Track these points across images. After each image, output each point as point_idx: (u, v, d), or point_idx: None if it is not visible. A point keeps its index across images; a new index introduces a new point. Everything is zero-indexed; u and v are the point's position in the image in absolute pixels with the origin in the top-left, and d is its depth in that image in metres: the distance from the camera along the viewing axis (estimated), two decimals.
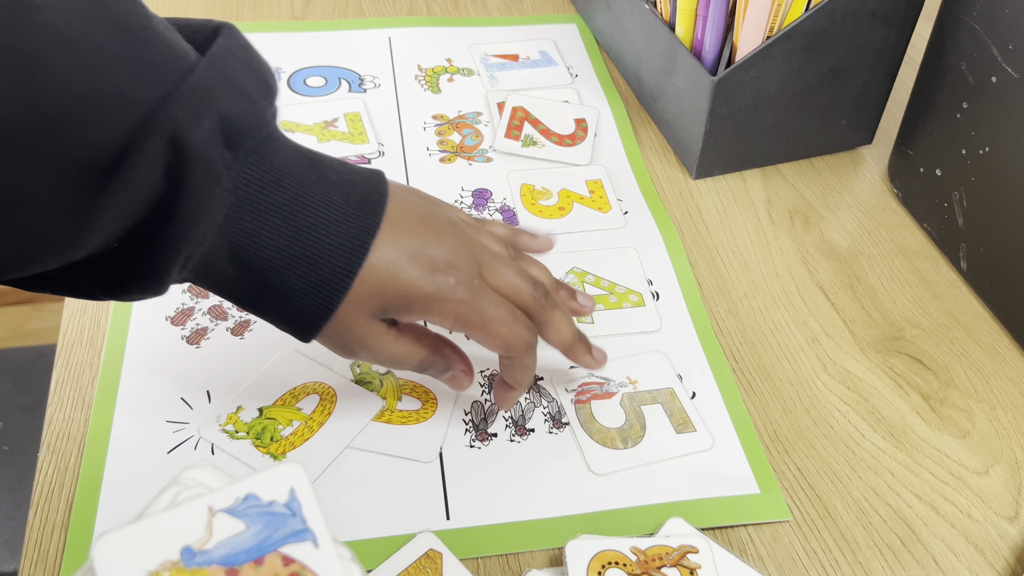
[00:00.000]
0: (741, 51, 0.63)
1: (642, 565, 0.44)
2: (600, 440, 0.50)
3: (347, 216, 0.41)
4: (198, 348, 0.53)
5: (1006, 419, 0.53)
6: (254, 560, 0.29)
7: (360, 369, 0.53)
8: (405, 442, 0.49)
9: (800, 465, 0.50)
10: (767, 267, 0.62)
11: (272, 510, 0.30)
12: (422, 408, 0.51)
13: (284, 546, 0.30)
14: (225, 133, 0.37)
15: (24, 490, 1.29)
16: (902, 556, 0.47)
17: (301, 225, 0.40)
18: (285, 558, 0.30)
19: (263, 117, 0.39)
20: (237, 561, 0.29)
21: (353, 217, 0.41)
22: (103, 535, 0.30)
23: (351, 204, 0.41)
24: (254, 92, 0.39)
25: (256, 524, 0.30)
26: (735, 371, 0.55)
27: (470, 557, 0.45)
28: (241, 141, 0.38)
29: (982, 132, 0.57)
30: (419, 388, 0.52)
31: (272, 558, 0.30)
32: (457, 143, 0.69)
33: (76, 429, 0.49)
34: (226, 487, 0.31)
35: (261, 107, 0.39)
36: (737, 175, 0.69)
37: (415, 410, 0.51)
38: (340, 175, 0.42)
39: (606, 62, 0.79)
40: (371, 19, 0.82)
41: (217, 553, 0.29)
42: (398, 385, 0.52)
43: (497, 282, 0.45)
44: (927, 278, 0.62)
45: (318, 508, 0.31)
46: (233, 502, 0.30)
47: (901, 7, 0.63)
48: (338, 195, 0.41)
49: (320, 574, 0.29)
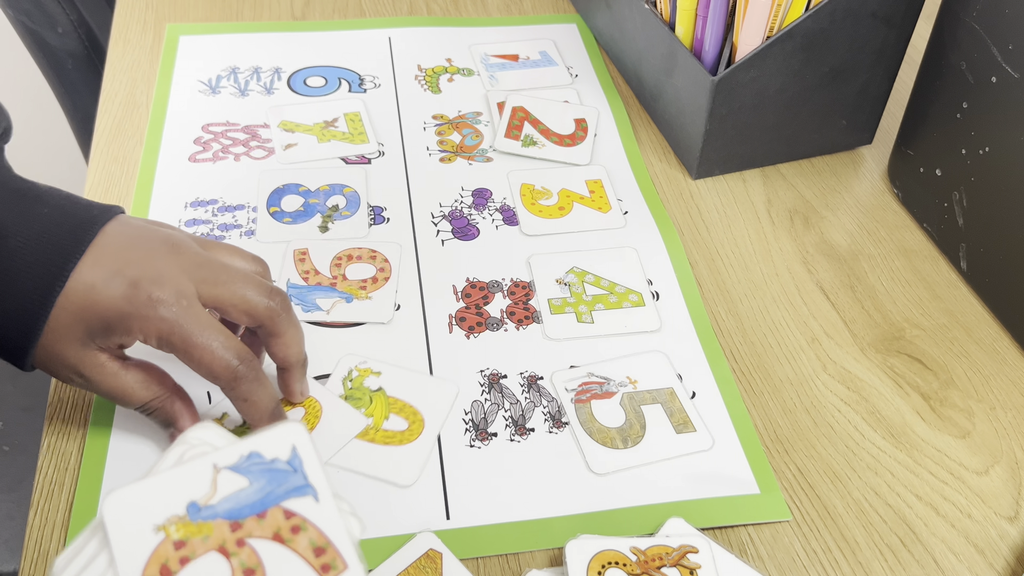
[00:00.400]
0: (741, 51, 0.63)
1: (642, 565, 0.44)
2: (600, 440, 0.50)
3: (45, 247, 0.41)
4: None
5: (1006, 419, 0.53)
6: (257, 514, 0.30)
7: (352, 384, 0.52)
8: (386, 463, 0.48)
9: (800, 465, 0.50)
10: (767, 267, 0.62)
11: (274, 467, 0.31)
12: (408, 429, 0.50)
13: (286, 501, 0.31)
14: None
15: (24, 490, 1.29)
16: (902, 556, 0.47)
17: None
18: (287, 512, 0.31)
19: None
20: (241, 515, 0.30)
21: (52, 248, 0.41)
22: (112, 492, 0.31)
23: (53, 237, 0.41)
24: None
25: (259, 480, 0.31)
26: (735, 371, 0.55)
27: (470, 557, 0.45)
28: None
29: (982, 132, 0.57)
30: (407, 408, 0.51)
31: (274, 512, 0.30)
32: (457, 143, 0.69)
33: (76, 429, 0.49)
34: (230, 446, 0.32)
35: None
36: (737, 175, 0.69)
37: (401, 431, 0.50)
38: (53, 207, 0.42)
39: (606, 62, 0.79)
40: (371, 19, 0.82)
41: (222, 508, 0.30)
42: (387, 403, 0.51)
43: (221, 293, 0.43)
44: (927, 278, 0.62)
45: (319, 465, 0.32)
46: (237, 460, 0.31)
47: (901, 7, 0.63)
48: (41, 227, 0.41)
49: (321, 526, 0.30)
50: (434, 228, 0.62)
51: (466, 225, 0.63)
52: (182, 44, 0.76)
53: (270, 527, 0.30)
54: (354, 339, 0.55)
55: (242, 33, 0.78)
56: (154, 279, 0.42)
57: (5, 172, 0.43)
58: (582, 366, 0.54)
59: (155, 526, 0.30)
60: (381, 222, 0.62)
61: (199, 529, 0.30)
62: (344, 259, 0.59)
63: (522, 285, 0.59)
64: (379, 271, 0.58)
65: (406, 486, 0.47)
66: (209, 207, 0.62)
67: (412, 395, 0.52)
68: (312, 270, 0.58)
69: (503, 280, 0.59)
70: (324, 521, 0.31)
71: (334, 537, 0.31)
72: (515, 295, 0.58)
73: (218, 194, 0.63)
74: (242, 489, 0.31)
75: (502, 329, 0.56)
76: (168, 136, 0.68)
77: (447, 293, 0.58)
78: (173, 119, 0.69)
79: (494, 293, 0.58)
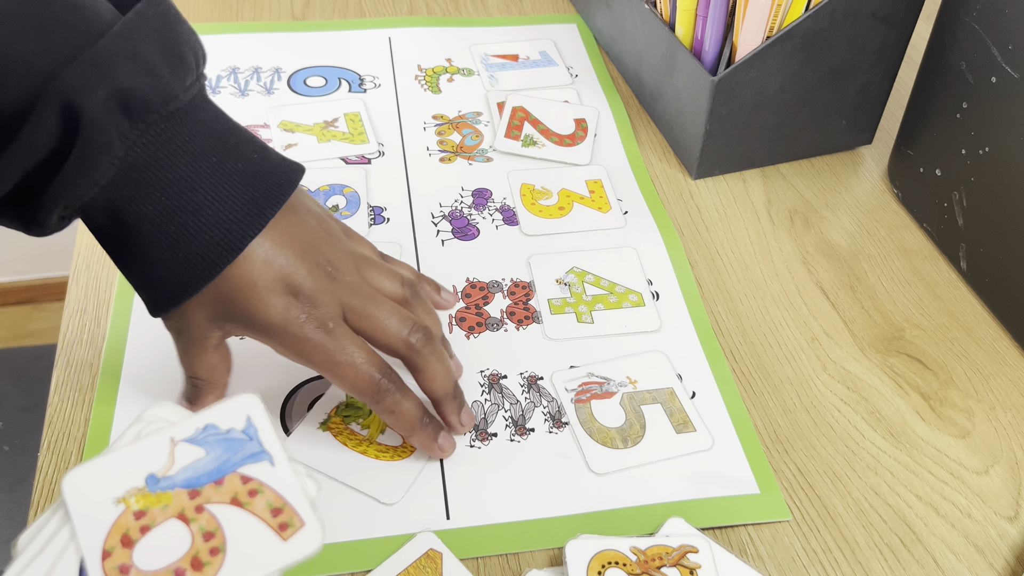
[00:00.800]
0: (741, 51, 0.63)
1: (642, 565, 0.44)
2: (600, 440, 0.50)
3: (229, 213, 0.41)
4: None
5: (1006, 419, 0.53)
6: (215, 481, 0.31)
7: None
8: (374, 478, 0.48)
9: (800, 465, 0.50)
10: (767, 267, 0.62)
11: (230, 436, 0.32)
12: (402, 445, 0.49)
13: (242, 467, 0.32)
14: (123, 103, 0.38)
15: (24, 490, 1.29)
16: (902, 556, 0.47)
17: (182, 207, 0.40)
18: (244, 477, 0.31)
19: (170, 91, 0.39)
20: (199, 483, 0.31)
21: (234, 216, 0.41)
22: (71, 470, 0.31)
23: (240, 202, 0.41)
24: (160, 65, 0.39)
25: (216, 450, 0.32)
26: (735, 371, 0.55)
27: (470, 557, 0.45)
28: (142, 113, 0.39)
29: (982, 132, 0.57)
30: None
31: (231, 478, 0.31)
32: (457, 143, 0.69)
33: (76, 429, 0.49)
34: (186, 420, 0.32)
35: (167, 81, 0.39)
36: (737, 175, 0.69)
37: (395, 446, 0.49)
38: (247, 165, 0.42)
39: (606, 62, 0.79)
40: (371, 19, 0.82)
41: (180, 478, 0.31)
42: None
43: (365, 325, 0.44)
44: (927, 278, 0.62)
45: (273, 431, 0.32)
46: (193, 432, 0.32)
47: (901, 7, 0.63)
48: (231, 188, 0.41)
49: (277, 488, 0.31)
50: (434, 228, 0.62)
51: (466, 225, 0.63)
52: None
53: (228, 492, 0.31)
54: None
55: (242, 33, 0.78)
56: (311, 300, 0.43)
57: (211, 110, 0.42)
58: (582, 366, 0.54)
59: (115, 499, 0.31)
60: (381, 222, 0.62)
61: (158, 499, 0.31)
62: None
63: (522, 285, 0.59)
64: None
65: (390, 504, 0.47)
66: None
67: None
68: None
69: (503, 280, 0.59)
70: (280, 483, 0.31)
71: (290, 497, 0.31)
72: (515, 295, 0.58)
73: None
74: (199, 459, 0.32)
75: (502, 329, 0.56)
76: None
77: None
78: None
79: (494, 293, 0.58)
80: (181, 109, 0.40)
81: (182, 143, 0.40)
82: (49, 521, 0.31)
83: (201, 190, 0.40)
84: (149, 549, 0.30)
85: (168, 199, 0.40)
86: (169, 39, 0.40)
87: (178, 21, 0.41)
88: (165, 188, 0.40)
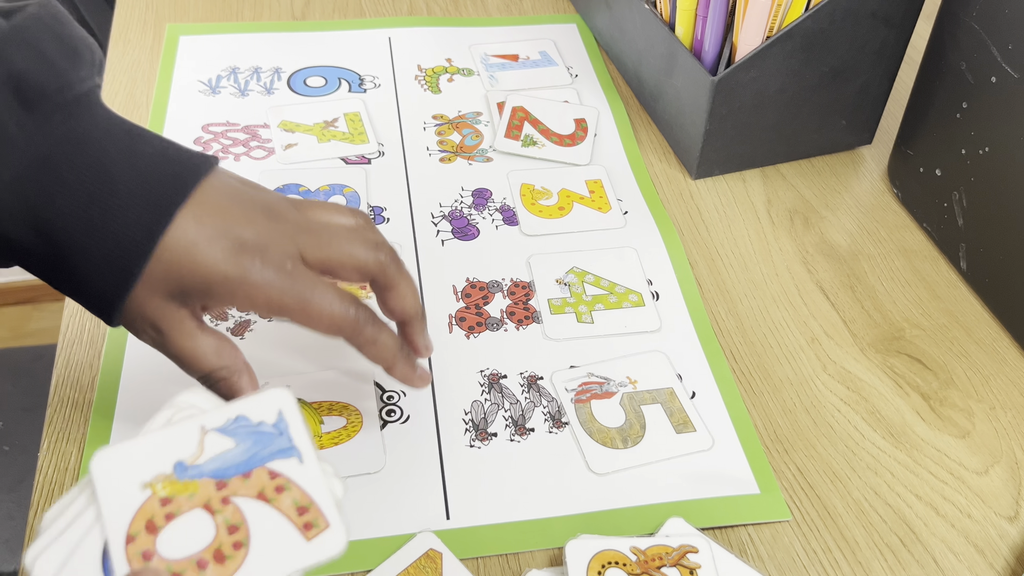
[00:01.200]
0: (741, 51, 0.63)
1: (642, 565, 0.44)
2: (600, 440, 0.50)
3: (150, 187, 0.39)
4: None
5: (1006, 419, 0.53)
6: (242, 474, 0.31)
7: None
8: (349, 460, 0.48)
9: (800, 465, 0.50)
10: (767, 267, 0.62)
11: (261, 430, 0.32)
12: (348, 423, 0.50)
13: (271, 462, 0.31)
14: (18, 92, 0.37)
15: (24, 490, 1.29)
16: (902, 556, 0.47)
17: (100, 191, 0.39)
18: (272, 472, 0.31)
19: (65, 81, 0.39)
20: (226, 475, 0.31)
21: (156, 189, 0.39)
22: (101, 450, 0.31)
23: (157, 177, 0.40)
24: (55, 56, 0.39)
25: (245, 442, 0.32)
26: (735, 371, 0.55)
27: (470, 557, 0.45)
28: (39, 103, 0.38)
29: (982, 132, 0.57)
30: (336, 405, 0.51)
31: (259, 472, 0.31)
32: (457, 143, 0.69)
33: (76, 429, 0.49)
34: (218, 409, 0.32)
35: (63, 71, 0.39)
36: (737, 175, 0.69)
37: (342, 427, 0.50)
38: (156, 149, 0.41)
39: (606, 62, 0.79)
40: (371, 19, 0.82)
41: (208, 467, 0.31)
42: (314, 410, 0.50)
43: (328, 255, 0.43)
44: (927, 278, 0.62)
45: (304, 428, 0.32)
46: (224, 422, 0.32)
47: (901, 7, 0.63)
48: (145, 166, 0.40)
49: (304, 487, 0.31)
50: (434, 228, 0.62)
51: (466, 225, 0.63)
52: (182, 44, 0.76)
53: (255, 486, 0.31)
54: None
55: (242, 33, 0.78)
56: (259, 245, 0.41)
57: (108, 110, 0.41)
58: (582, 366, 0.54)
59: (142, 483, 0.31)
60: (381, 222, 0.62)
61: (185, 487, 0.31)
62: None
63: (522, 285, 0.59)
64: None
65: (378, 471, 0.48)
66: None
67: (330, 392, 0.51)
68: None
69: (503, 280, 0.59)
70: (307, 482, 0.31)
71: (317, 497, 0.31)
72: (515, 295, 0.58)
73: None
74: (228, 450, 0.31)
75: (502, 329, 0.56)
76: (168, 136, 0.68)
77: (447, 293, 0.58)
78: (173, 119, 0.69)
79: (494, 293, 0.58)
80: (79, 99, 0.39)
81: (85, 131, 0.39)
82: (76, 500, 0.31)
83: (116, 171, 0.39)
84: (173, 537, 0.30)
85: (83, 185, 0.38)
86: (63, 36, 0.39)
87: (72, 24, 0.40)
88: (78, 175, 0.38)
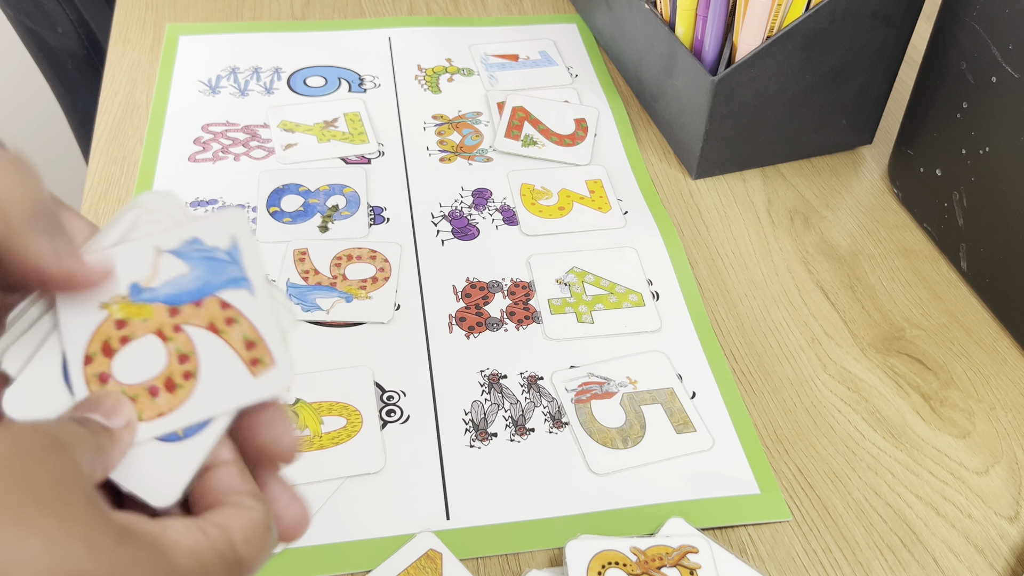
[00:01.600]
0: (741, 51, 0.63)
1: (642, 565, 0.44)
2: (600, 440, 0.50)
3: None
4: None
5: (1006, 419, 0.53)
6: (194, 301, 0.31)
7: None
8: (349, 461, 0.48)
9: (800, 465, 0.50)
10: (767, 267, 0.62)
11: (214, 255, 0.32)
12: (348, 423, 0.50)
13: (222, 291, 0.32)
14: None
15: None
16: (902, 556, 0.47)
17: None
18: (223, 302, 0.31)
19: None
20: (179, 301, 0.31)
21: None
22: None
23: None
24: None
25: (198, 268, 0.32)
26: (735, 371, 0.55)
27: (470, 557, 0.45)
28: None
29: (982, 132, 0.57)
30: (336, 405, 0.51)
31: (211, 301, 0.31)
32: (457, 143, 0.69)
33: None
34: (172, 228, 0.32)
35: None
36: (737, 175, 0.69)
37: (342, 427, 0.50)
38: None
39: (606, 62, 0.79)
40: (371, 19, 0.82)
41: (161, 292, 0.31)
42: (313, 409, 0.51)
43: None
44: (927, 278, 0.62)
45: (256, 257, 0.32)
46: (178, 244, 0.32)
47: (901, 7, 0.63)
48: None
49: (254, 321, 0.31)
50: (434, 228, 0.62)
51: (466, 225, 0.63)
52: (182, 44, 0.76)
53: (206, 316, 0.31)
54: (354, 339, 0.55)
55: (242, 33, 0.78)
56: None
57: None
58: (582, 366, 0.54)
59: (99, 303, 0.31)
60: (381, 222, 0.62)
61: (140, 310, 0.31)
62: (344, 259, 0.59)
63: (522, 285, 0.59)
64: (379, 271, 0.58)
65: (378, 471, 0.48)
66: (209, 207, 0.62)
67: (330, 392, 0.51)
68: (312, 270, 0.58)
69: (503, 280, 0.59)
70: (257, 316, 0.31)
71: (265, 333, 0.31)
72: (515, 295, 0.58)
73: (218, 194, 0.63)
74: (182, 275, 0.32)
75: (502, 329, 0.56)
76: (168, 136, 0.68)
77: (447, 293, 0.58)
78: (173, 119, 0.69)
79: (494, 293, 0.58)
80: None
81: None
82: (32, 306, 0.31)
83: None
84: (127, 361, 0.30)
85: None
86: None
87: None
88: None
